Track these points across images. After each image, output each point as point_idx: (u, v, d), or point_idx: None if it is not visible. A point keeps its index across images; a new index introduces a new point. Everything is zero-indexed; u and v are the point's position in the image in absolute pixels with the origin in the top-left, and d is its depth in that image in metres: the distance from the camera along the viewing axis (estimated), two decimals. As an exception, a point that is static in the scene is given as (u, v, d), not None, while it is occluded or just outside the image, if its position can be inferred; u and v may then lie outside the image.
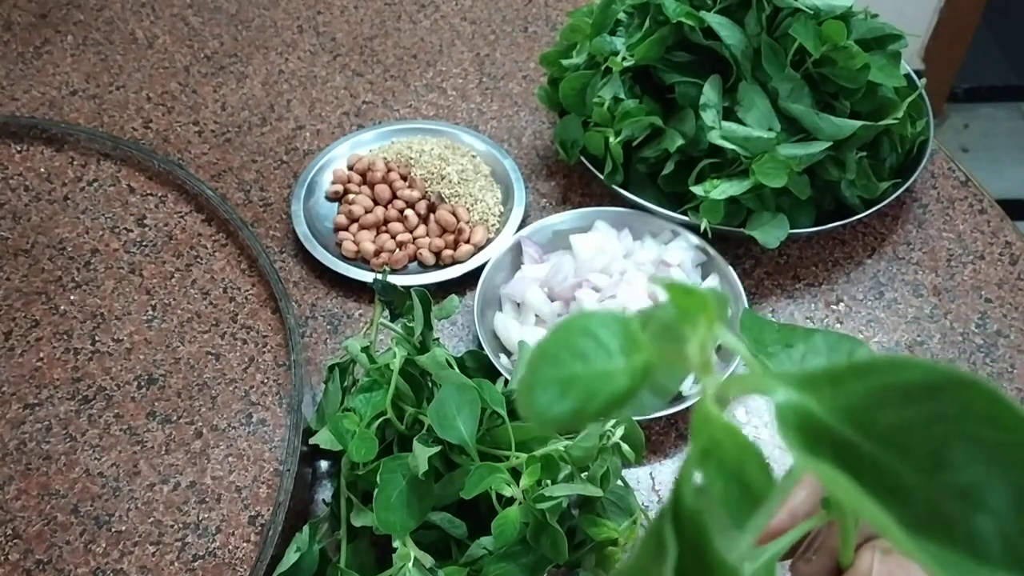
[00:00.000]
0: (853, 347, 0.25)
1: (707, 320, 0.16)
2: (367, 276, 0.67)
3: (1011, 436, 0.13)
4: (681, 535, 0.15)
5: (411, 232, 0.71)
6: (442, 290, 0.67)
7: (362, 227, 0.71)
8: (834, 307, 0.68)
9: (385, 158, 0.75)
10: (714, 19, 0.64)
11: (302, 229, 0.70)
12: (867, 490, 0.14)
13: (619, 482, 0.51)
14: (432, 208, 0.71)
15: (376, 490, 0.46)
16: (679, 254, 0.65)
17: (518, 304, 0.65)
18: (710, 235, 0.66)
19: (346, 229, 0.72)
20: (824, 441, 0.14)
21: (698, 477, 0.16)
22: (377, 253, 0.69)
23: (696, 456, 0.15)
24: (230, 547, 0.55)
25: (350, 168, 0.76)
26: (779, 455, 0.59)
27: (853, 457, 0.14)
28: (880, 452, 0.14)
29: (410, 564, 0.45)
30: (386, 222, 0.72)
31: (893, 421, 0.14)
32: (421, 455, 0.45)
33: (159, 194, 0.75)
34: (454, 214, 0.71)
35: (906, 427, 0.14)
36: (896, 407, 0.14)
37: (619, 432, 0.48)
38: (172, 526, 0.55)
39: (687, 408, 0.59)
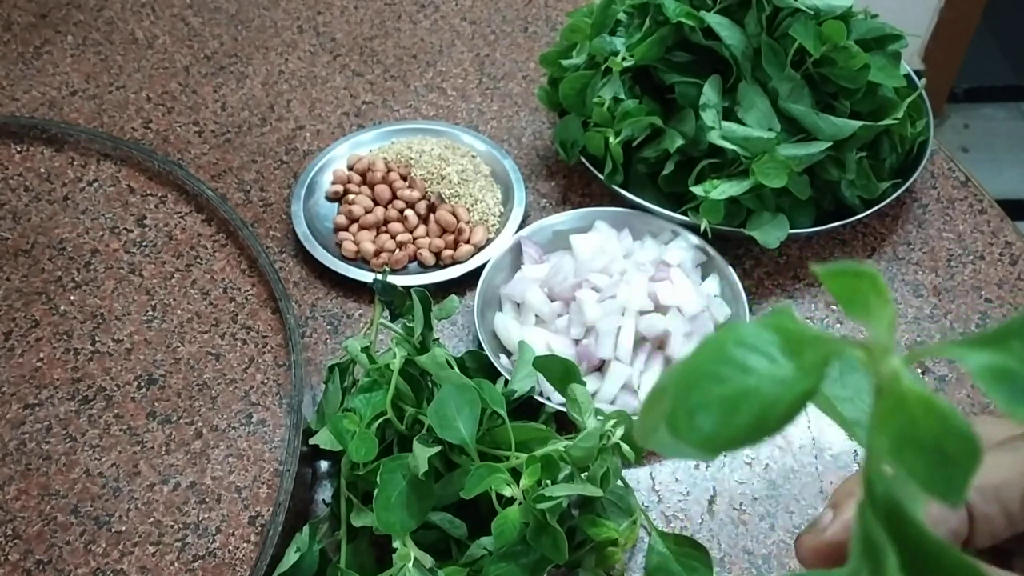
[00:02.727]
0: None
1: (883, 297, 0.15)
2: (367, 276, 0.67)
3: None
4: (894, 531, 0.14)
5: (411, 232, 0.71)
6: (442, 290, 0.67)
7: (362, 227, 0.71)
8: (834, 307, 0.68)
9: (385, 158, 0.75)
10: (714, 19, 0.64)
11: (302, 229, 0.70)
12: None
13: (619, 482, 0.51)
14: (432, 208, 0.71)
15: (376, 490, 0.46)
16: (679, 254, 0.65)
17: (518, 304, 0.65)
18: (710, 235, 0.66)
19: (346, 229, 0.72)
20: None
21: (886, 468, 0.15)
22: (377, 253, 0.69)
23: (891, 447, 0.14)
24: (230, 547, 0.55)
25: (350, 168, 0.76)
26: (778, 455, 0.59)
27: None
28: None
29: (410, 564, 0.45)
30: (386, 222, 0.72)
31: None
32: (421, 455, 0.45)
33: (159, 194, 0.75)
34: (454, 214, 0.71)
35: None
36: None
37: (619, 432, 0.48)
38: (172, 526, 0.55)
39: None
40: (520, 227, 0.70)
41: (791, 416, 0.15)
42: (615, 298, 0.60)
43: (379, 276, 0.59)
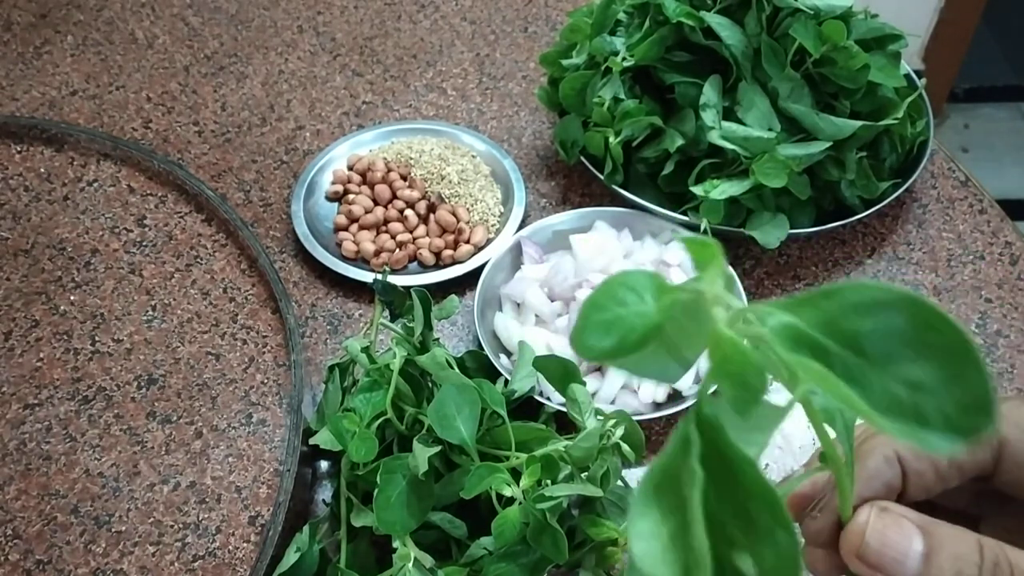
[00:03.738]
0: None
1: (717, 263, 0.20)
2: (367, 276, 0.67)
3: (945, 340, 0.18)
4: (703, 433, 0.19)
5: (411, 232, 0.71)
6: (442, 290, 0.67)
7: (362, 227, 0.71)
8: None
9: (385, 158, 0.75)
10: (714, 19, 0.64)
11: (302, 229, 0.70)
12: (843, 383, 0.19)
13: (619, 482, 0.51)
14: (432, 208, 0.71)
15: (376, 490, 0.46)
16: (679, 254, 0.65)
17: (518, 304, 0.65)
18: (710, 235, 0.66)
19: (346, 229, 0.72)
20: (806, 347, 0.19)
21: (713, 389, 0.20)
22: (377, 253, 0.69)
23: (712, 371, 0.19)
24: (230, 547, 0.55)
25: (350, 168, 0.76)
26: (778, 454, 0.59)
27: (828, 358, 0.19)
28: (847, 354, 0.19)
29: (410, 564, 0.45)
30: (386, 222, 0.72)
31: (856, 330, 0.19)
32: (421, 455, 0.45)
33: (159, 194, 0.75)
34: (454, 214, 0.71)
35: (866, 334, 0.19)
36: (859, 319, 0.19)
37: (619, 432, 0.48)
38: (172, 526, 0.55)
39: (687, 408, 0.59)
40: (520, 227, 0.70)
41: (643, 341, 0.20)
42: (615, 298, 0.60)
43: (379, 276, 0.59)
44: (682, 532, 0.19)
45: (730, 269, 0.65)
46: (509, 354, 0.62)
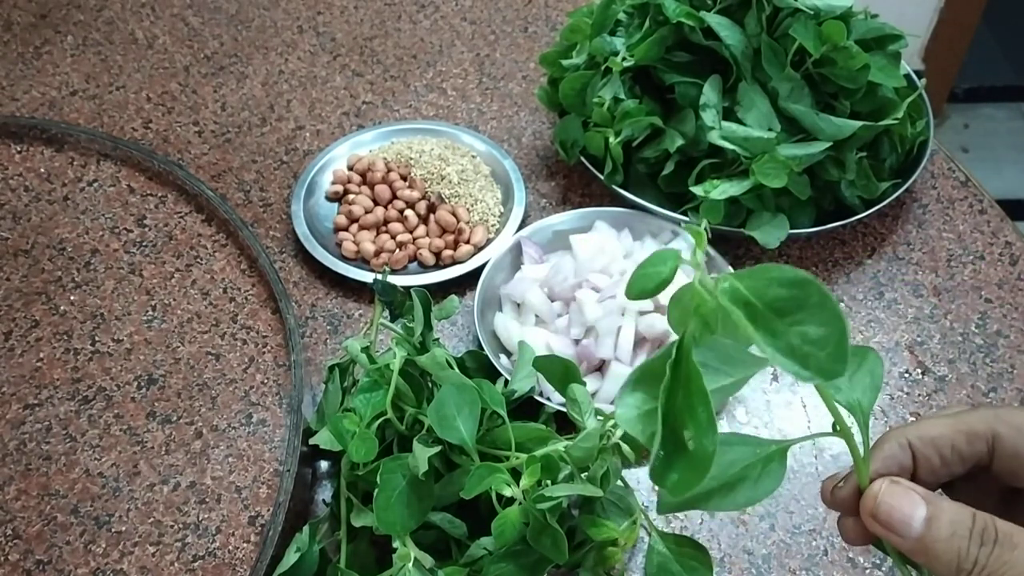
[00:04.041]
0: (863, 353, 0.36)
1: (701, 241, 0.30)
2: (367, 276, 0.67)
3: (826, 311, 0.26)
4: (678, 351, 0.29)
5: (411, 232, 0.71)
6: (442, 290, 0.67)
7: (362, 227, 0.71)
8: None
9: (385, 158, 0.75)
10: (714, 19, 0.64)
11: (302, 229, 0.70)
12: (760, 329, 0.27)
13: (619, 482, 0.51)
14: (432, 208, 0.71)
15: (376, 490, 0.46)
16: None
17: (518, 304, 0.65)
18: (710, 235, 0.66)
19: (346, 229, 0.72)
20: (742, 303, 0.27)
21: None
22: (377, 253, 0.69)
23: (690, 312, 0.29)
24: (230, 547, 0.55)
25: (350, 168, 0.76)
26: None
27: (755, 313, 0.27)
28: (767, 311, 0.27)
29: (410, 564, 0.45)
30: (386, 222, 0.72)
31: (775, 296, 0.27)
32: (421, 455, 0.45)
33: (159, 194, 0.75)
34: (454, 214, 0.71)
35: (781, 299, 0.27)
36: (777, 289, 0.27)
37: (619, 432, 0.48)
38: (172, 526, 0.55)
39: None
40: (520, 227, 0.70)
41: (660, 288, 0.30)
42: (615, 298, 0.60)
43: (379, 276, 0.59)
44: (652, 412, 0.30)
45: (730, 269, 0.65)
46: (509, 354, 0.62)
